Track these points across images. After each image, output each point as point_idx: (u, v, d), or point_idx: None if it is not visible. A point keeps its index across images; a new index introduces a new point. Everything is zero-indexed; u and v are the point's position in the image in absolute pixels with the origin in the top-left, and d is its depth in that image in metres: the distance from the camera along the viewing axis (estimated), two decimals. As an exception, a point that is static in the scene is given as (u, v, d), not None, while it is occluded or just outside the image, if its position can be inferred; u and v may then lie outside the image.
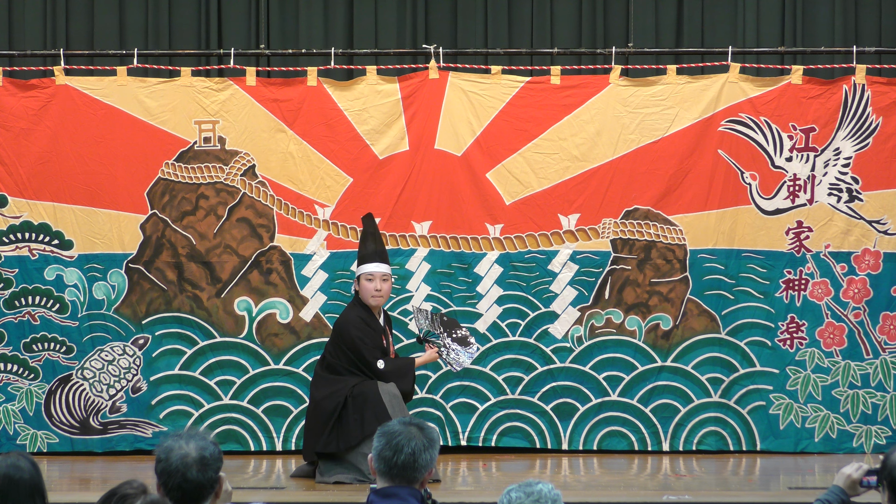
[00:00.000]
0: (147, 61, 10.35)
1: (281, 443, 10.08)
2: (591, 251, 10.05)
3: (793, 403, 10.01)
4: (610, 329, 10.07)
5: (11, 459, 4.13)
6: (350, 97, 10.08)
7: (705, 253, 10.03)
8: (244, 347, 10.07)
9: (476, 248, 10.07)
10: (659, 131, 10.04)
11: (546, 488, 3.98)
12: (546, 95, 10.07)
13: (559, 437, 10.09)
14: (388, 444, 4.25)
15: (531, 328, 10.07)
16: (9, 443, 9.96)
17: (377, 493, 4.26)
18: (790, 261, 10.01)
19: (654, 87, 10.09)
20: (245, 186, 10.07)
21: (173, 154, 10.07)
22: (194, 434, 4.11)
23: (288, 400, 10.05)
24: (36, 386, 10.05)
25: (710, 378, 10.03)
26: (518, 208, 10.05)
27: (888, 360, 10.00)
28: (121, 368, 10.06)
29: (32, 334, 10.04)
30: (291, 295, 10.07)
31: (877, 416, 10.02)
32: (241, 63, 10.25)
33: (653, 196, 10.02)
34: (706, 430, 10.06)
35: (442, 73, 10.08)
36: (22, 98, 10.04)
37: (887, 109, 10.00)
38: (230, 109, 10.06)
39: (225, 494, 4.13)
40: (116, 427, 10.08)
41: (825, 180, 10.00)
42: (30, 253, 10.04)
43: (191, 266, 10.07)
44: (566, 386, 10.08)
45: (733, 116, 10.00)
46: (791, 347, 10.02)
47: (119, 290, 10.04)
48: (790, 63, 10.58)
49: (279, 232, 10.07)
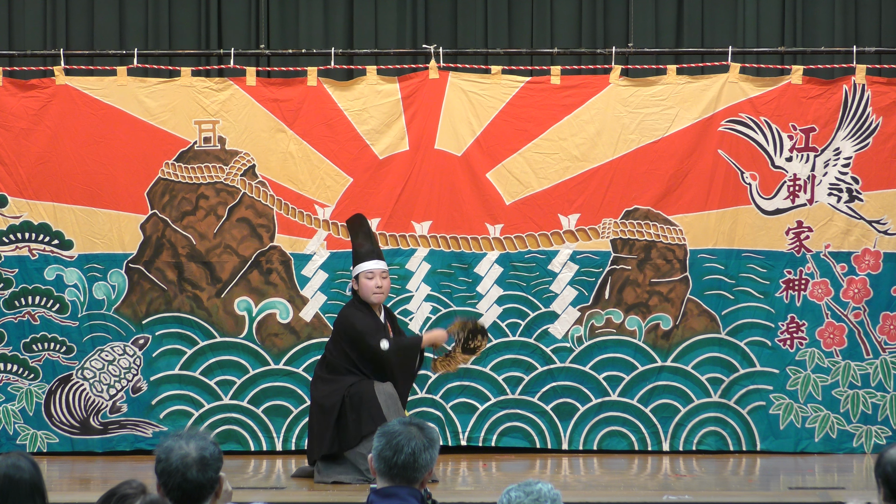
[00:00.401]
0: (147, 61, 10.35)
1: (281, 443, 10.08)
2: (591, 251, 10.05)
3: (793, 403, 10.01)
4: (610, 329, 10.07)
5: (11, 459, 4.13)
6: (350, 97, 10.08)
7: (705, 253, 10.03)
8: (244, 347, 10.07)
9: (476, 248, 10.07)
10: (659, 131, 10.04)
11: (545, 488, 3.97)
12: (546, 95, 10.07)
13: (559, 437, 10.09)
14: (389, 443, 4.25)
15: (531, 328, 10.07)
16: (9, 443, 9.96)
17: (377, 493, 4.25)
18: (790, 261, 10.01)
19: (654, 87, 10.09)
20: (245, 186, 10.07)
21: (173, 154, 10.07)
22: (194, 434, 4.11)
23: (288, 400, 10.05)
24: (36, 386, 10.05)
25: (710, 378, 10.03)
26: (518, 208, 10.05)
27: (888, 360, 10.00)
28: (121, 368, 10.06)
29: (32, 334, 10.04)
30: (291, 295, 10.07)
31: (877, 416, 10.02)
32: (241, 63, 10.25)
33: (653, 196, 10.02)
34: (706, 430, 10.06)
35: (442, 73, 10.08)
36: (22, 98, 10.04)
37: (887, 109, 10.00)
38: (230, 109, 10.06)
39: (225, 494, 4.13)
40: (116, 427, 10.08)
41: (825, 180, 10.00)
42: (30, 253, 10.04)
43: (191, 266, 10.07)
44: (566, 386, 10.08)
45: (733, 116, 10.00)
46: (791, 347, 10.01)
47: (119, 290, 10.04)
48: (790, 63, 10.58)
49: (279, 232, 10.07)
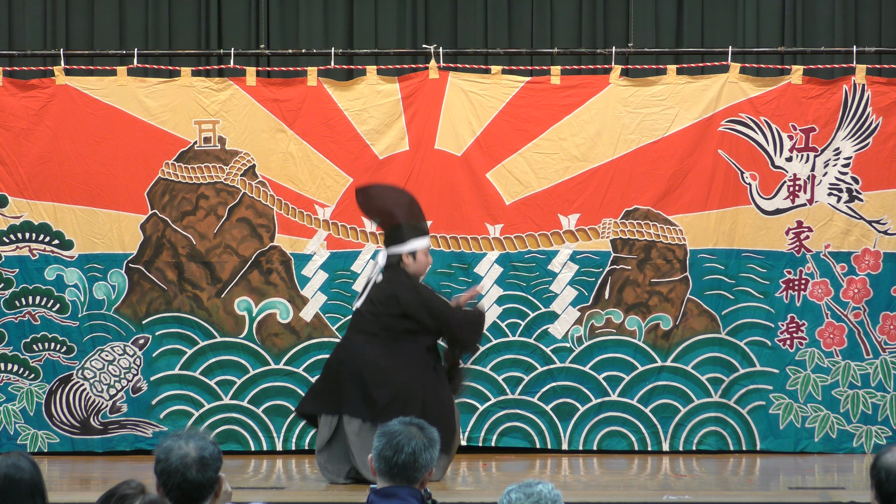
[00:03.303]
0: (147, 61, 10.35)
1: (281, 443, 10.08)
2: (591, 251, 10.05)
3: (793, 403, 10.01)
4: (610, 329, 10.07)
5: (11, 459, 4.13)
6: (350, 97, 10.08)
7: (705, 253, 10.04)
8: (244, 347, 10.07)
9: (476, 248, 10.07)
10: (659, 131, 10.04)
11: (546, 489, 3.96)
12: (546, 95, 10.07)
13: (559, 437, 10.09)
14: (389, 443, 4.25)
15: (531, 328, 10.07)
16: (9, 443, 9.97)
17: (377, 492, 4.26)
18: (790, 261, 10.01)
19: (654, 87, 10.09)
20: (245, 186, 10.07)
21: (173, 154, 10.07)
22: (194, 434, 4.11)
23: (288, 400, 10.04)
24: (36, 386, 10.05)
25: (710, 378, 10.03)
26: (518, 208, 10.05)
27: (888, 360, 10.00)
28: (121, 368, 10.06)
29: (33, 334, 10.04)
30: (291, 295, 10.07)
31: (877, 416, 10.02)
32: (241, 63, 10.25)
33: (653, 196, 10.02)
34: (706, 430, 10.06)
35: (442, 73, 10.08)
36: (22, 98, 10.04)
37: (887, 109, 10.00)
38: (230, 109, 10.07)
39: (225, 494, 4.13)
40: (117, 427, 10.08)
41: (825, 180, 10.00)
42: (30, 253, 10.04)
43: (191, 266, 10.07)
44: (566, 386, 10.08)
45: (733, 116, 10.00)
46: (791, 347, 10.02)
47: (119, 290, 10.04)
48: (790, 63, 10.58)
49: (279, 232, 10.08)
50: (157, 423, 10.05)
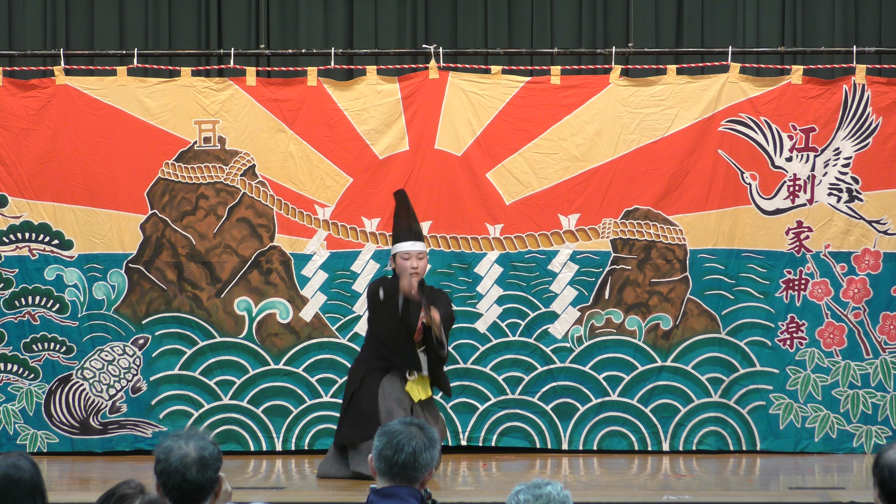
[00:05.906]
0: (147, 61, 10.35)
1: (281, 443, 10.08)
2: (591, 251, 10.05)
3: (793, 403, 10.01)
4: (610, 329, 10.07)
5: (11, 459, 4.13)
6: (350, 97, 10.08)
7: (705, 253, 10.03)
8: (244, 347, 10.07)
9: (476, 248, 10.07)
10: (659, 131, 10.04)
11: (555, 490, 3.91)
12: (546, 95, 10.07)
13: (559, 437, 10.09)
14: (389, 443, 4.25)
15: (531, 328, 10.07)
16: (9, 443, 9.97)
17: (377, 492, 4.25)
18: (790, 261, 10.01)
19: (654, 87, 10.09)
20: (245, 186, 10.07)
21: (173, 154, 10.07)
22: (194, 434, 4.11)
23: (288, 400, 10.05)
24: (36, 386, 10.05)
25: (710, 378, 10.03)
26: (518, 208, 10.05)
27: (888, 360, 10.00)
28: (121, 368, 10.06)
29: (32, 334, 10.04)
30: (291, 295, 10.07)
31: (877, 416, 10.02)
32: (241, 63, 10.25)
33: (653, 196, 10.02)
34: (706, 430, 10.05)
35: (442, 73, 10.08)
36: (22, 98, 10.05)
37: (887, 109, 10.00)
38: (230, 109, 10.07)
39: (224, 494, 4.13)
40: (116, 427, 10.08)
41: (825, 180, 10.00)
42: (30, 253, 10.04)
43: (191, 266, 10.07)
44: (566, 386, 10.08)
45: (733, 116, 10.00)
46: (791, 347, 10.02)
47: (119, 290, 10.04)
48: (790, 63, 10.58)
49: (279, 232, 10.07)
50: (156, 423, 10.05)
